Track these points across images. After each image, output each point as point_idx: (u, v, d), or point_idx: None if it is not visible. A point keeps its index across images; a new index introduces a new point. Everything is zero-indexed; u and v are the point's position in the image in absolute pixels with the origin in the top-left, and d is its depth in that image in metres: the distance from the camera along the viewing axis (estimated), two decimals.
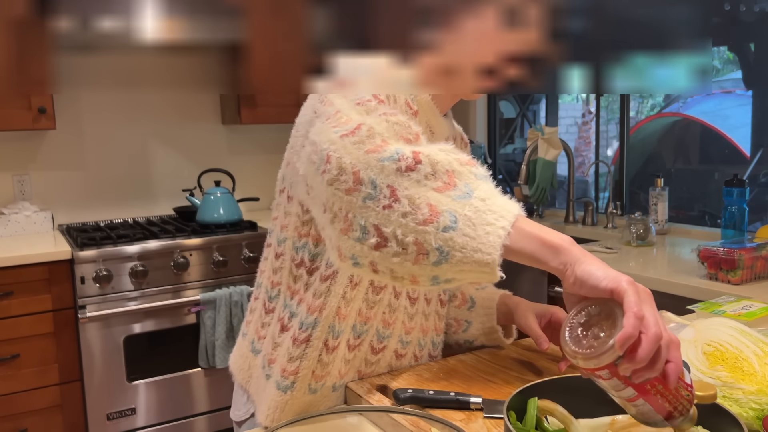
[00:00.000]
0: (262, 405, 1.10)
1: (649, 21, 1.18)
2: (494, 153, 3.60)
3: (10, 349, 2.42)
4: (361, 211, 0.75)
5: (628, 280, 0.71)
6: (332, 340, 1.04)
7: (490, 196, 0.75)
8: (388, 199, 0.74)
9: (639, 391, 0.71)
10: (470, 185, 0.75)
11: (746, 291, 1.80)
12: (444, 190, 0.74)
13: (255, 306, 1.17)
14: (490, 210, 0.73)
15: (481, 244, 0.72)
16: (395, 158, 0.75)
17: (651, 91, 1.30)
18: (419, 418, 0.91)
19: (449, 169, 0.75)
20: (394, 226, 0.74)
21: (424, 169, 0.74)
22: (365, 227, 0.75)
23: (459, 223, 0.72)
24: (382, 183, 0.74)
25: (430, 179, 0.74)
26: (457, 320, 1.27)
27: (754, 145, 3.29)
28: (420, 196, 0.73)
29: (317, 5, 1.07)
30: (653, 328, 0.67)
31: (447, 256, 0.73)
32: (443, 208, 0.73)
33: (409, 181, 0.74)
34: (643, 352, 0.66)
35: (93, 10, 2.35)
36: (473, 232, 0.72)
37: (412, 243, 0.73)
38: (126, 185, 3.14)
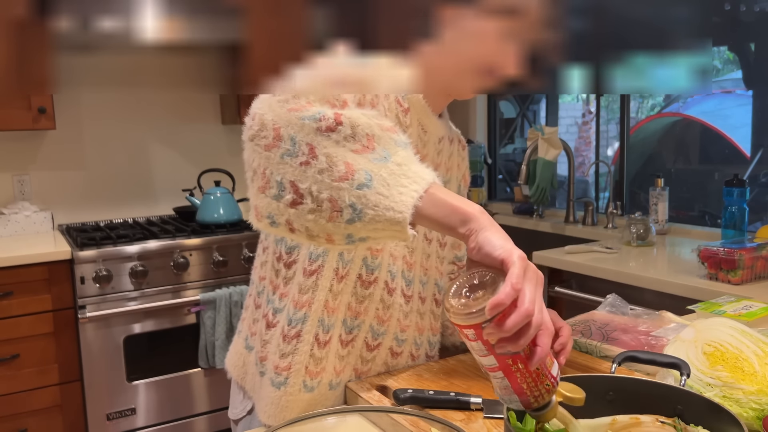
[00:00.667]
0: (260, 402, 1.10)
1: (649, 21, 1.19)
2: (494, 153, 3.60)
3: (10, 349, 2.42)
4: (279, 167, 0.76)
5: (520, 255, 0.72)
6: (323, 334, 1.05)
7: (407, 162, 0.77)
8: (306, 156, 0.75)
9: (500, 363, 0.72)
10: (388, 150, 0.76)
11: (746, 291, 1.80)
12: (362, 152, 0.75)
13: (248, 303, 1.18)
14: (404, 175, 0.75)
15: (394, 203, 0.73)
16: (316, 118, 0.76)
17: (651, 91, 1.30)
18: (419, 418, 0.91)
19: (369, 133, 0.76)
20: (310, 182, 0.75)
21: (344, 131, 0.75)
22: (282, 183, 0.76)
23: (374, 182, 0.74)
24: (302, 140, 0.75)
25: (349, 141, 0.75)
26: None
27: (754, 145, 3.28)
28: (338, 155, 0.75)
29: (317, 5, 1.07)
30: (527, 304, 0.68)
31: (360, 214, 0.74)
32: (359, 167, 0.74)
33: (328, 140, 0.75)
34: (510, 323, 0.67)
35: (93, 10, 2.35)
36: (387, 191, 0.74)
37: (326, 200, 0.75)
38: (126, 185, 3.14)
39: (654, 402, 0.83)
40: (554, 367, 0.75)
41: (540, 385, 0.73)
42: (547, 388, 0.74)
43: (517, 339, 0.68)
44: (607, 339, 1.22)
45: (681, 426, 0.80)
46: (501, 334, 0.68)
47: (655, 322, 1.29)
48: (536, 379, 0.73)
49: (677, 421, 0.80)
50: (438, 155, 1.14)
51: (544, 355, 0.71)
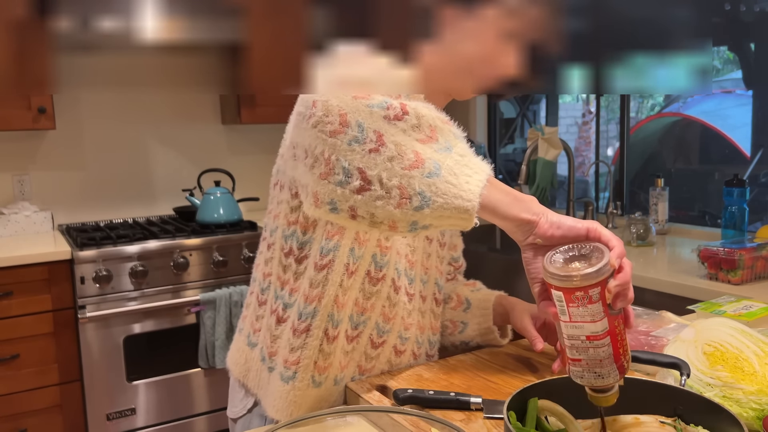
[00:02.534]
0: (268, 398, 1.11)
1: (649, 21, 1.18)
2: (494, 153, 3.60)
3: (10, 349, 2.42)
4: (346, 154, 0.77)
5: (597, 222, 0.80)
6: (332, 329, 1.05)
7: (467, 153, 0.79)
8: (374, 143, 0.75)
9: (610, 326, 0.76)
10: (450, 141, 0.79)
11: (746, 291, 1.80)
12: (427, 142, 0.77)
13: (250, 300, 1.18)
14: (467, 165, 0.77)
15: (462, 191, 0.76)
16: (384, 106, 0.77)
17: (651, 91, 1.30)
18: (419, 418, 0.91)
19: (432, 124, 0.78)
20: (380, 170, 0.75)
21: (411, 121, 0.77)
22: (348, 170, 0.77)
23: (442, 171, 0.76)
24: (369, 127, 0.76)
25: (415, 131, 0.77)
26: (453, 322, 1.28)
27: (754, 145, 3.29)
28: (406, 144, 0.76)
29: (317, 5, 1.07)
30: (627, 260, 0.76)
31: (429, 201, 0.76)
32: (427, 156, 0.76)
33: (395, 129, 0.76)
34: (628, 273, 0.74)
35: (93, 10, 2.35)
36: (455, 180, 0.76)
37: (396, 187, 0.76)
38: (126, 185, 3.14)
39: (654, 402, 0.83)
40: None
41: (628, 349, 0.79)
42: (629, 355, 0.80)
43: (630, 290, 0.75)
44: None
45: (681, 426, 0.80)
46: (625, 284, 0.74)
47: (655, 322, 1.29)
48: (625, 340, 0.78)
49: (677, 421, 0.80)
50: None
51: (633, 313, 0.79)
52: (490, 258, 2.80)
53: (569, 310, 0.76)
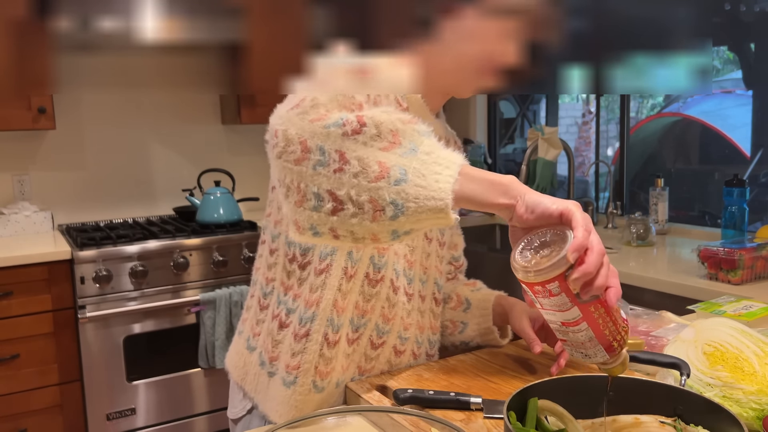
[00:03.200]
0: (268, 402, 1.11)
1: (649, 21, 1.18)
2: (494, 153, 3.60)
3: (10, 349, 2.42)
4: (313, 179, 0.77)
5: (575, 203, 0.75)
6: (332, 333, 1.05)
7: (434, 149, 0.77)
8: (337, 162, 0.75)
9: (583, 313, 0.73)
10: (414, 142, 0.77)
11: (746, 291, 1.80)
12: (390, 149, 0.76)
13: (251, 303, 1.18)
14: (435, 162, 0.76)
15: (433, 191, 0.74)
16: (340, 123, 0.76)
17: (651, 91, 1.30)
18: (419, 418, 0.92)
19: (393, 129, 0.77)
20: (347, 188, 0.75)
21: (369, 131, 0.76)
22: (319, 194, 0.77)
23: (409, 175, 0.74)
24: (330, 148, 0.76)
25: (376, 140, 0.76)
26: (453, 322, 1.28)
27: (754, 145, 3.28)
28: (369, 156, 0.75)
29: (317, 5, 1.07)
30: (598, 245, 0.71)
31: (402, 209, 0.75)
32: (392, 163, 0.75)
33: (355, 143, 0.76)
34: (591, 264, 0.70)
35: (93, 10, 2.35)
36: (424, 182, 0.74)
37: (367, 201, 0.75)
38: (126, 185, 3.14)
39: (654, 402, 0.83)
40: (622, 311, 0.78)
41: (618, 327, 0.76)
42: (624, 329, 0.77)
43: (598, 279, 0.71)
44: None
45: (681, 426, 0.80)
46: (586, 276, 0.70)
47: (655, 322, 1.29)
48: (614, 321, 0.75)
49: (677, 421, 0.80)
50: None
51: (619, 294, 0.74)
52: (490, 258, 2.80)
53: (538, 299, 0.75)
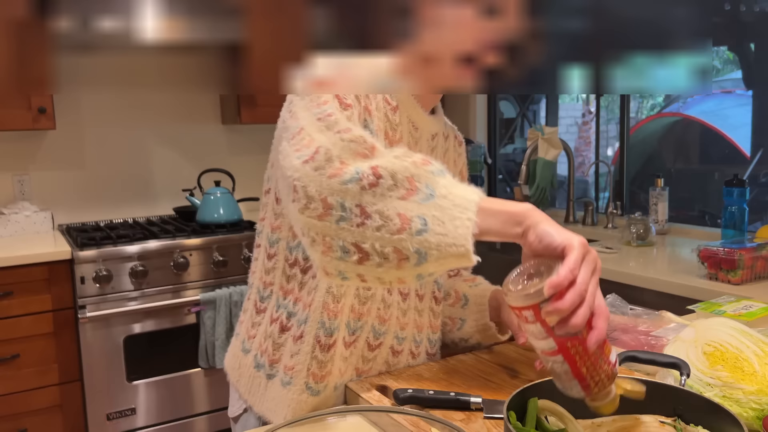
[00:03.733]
0: (264, 403, 1.11)
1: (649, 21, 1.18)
2: (494, 153, 3.60)
3: (10, 349, 2.42)
4: (338, 233, 0.79)
5: (581, 241, 0.75)
6: (324, 337, 1.05)
7: (450, 190, 0.79)
8: (359, 217, 0.78)
9: (559, 346, 0.74)
10: (431, 185, 0.79)
11: (746, 291, 1.80)
12: (408, 197, 0.78)
13: (247, 306, 1.18)
14: (454, 205, 0.78)
15: (453, 238, 0.77)
16: (357, 178, 0.79)
17: (651, 91, 1.30)
18: (419, 418, 0.92)
19: (408, 175, 0.79)
20: (372, 241, 0.78)
21: (386, 182, 0.78)
22: (344, 247, 0.79)
23: (429, 225, 0.77)
24: (351, 204, 0.78)
25: (393, 190, 0.78)
26: (452, 318, 1.28)
27: (754, 145, 3.29)
28: (388, 208, 0.78)
29: (317, 5, 1.07)
30: (582, 285, 0.72)
31: (425, 257, 0.78)
32: (412, 213, 0.77)
33: (374, 197, 0.78)
34: (566, 302, 0.71)
35: (93, 10, 2.35)
36: (444, 229, 0.77)
37: (391, 252, 0.78)
38: (126, 185, 3.14)
39: (654, 402, 0.83)
40: (612, 355, 0.77)
41: (599, 370, 0.75)
42: (607, 374, 0.76)
43: (573, 318, 0.71)
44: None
45: (681, 426, 0.80)
46: (558, 313, 0.71)
47: (655, 322, 1.29)
48: (595, 363, 0.75)
49: (677, 421, 0.80)
50: (432, 152, 1.14)
51: (601, 337, 0.74)
52: (490, 258, 2.79)
53: (520, 322, 0.77)
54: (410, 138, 1.08)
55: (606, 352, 0.76)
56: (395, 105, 1.06)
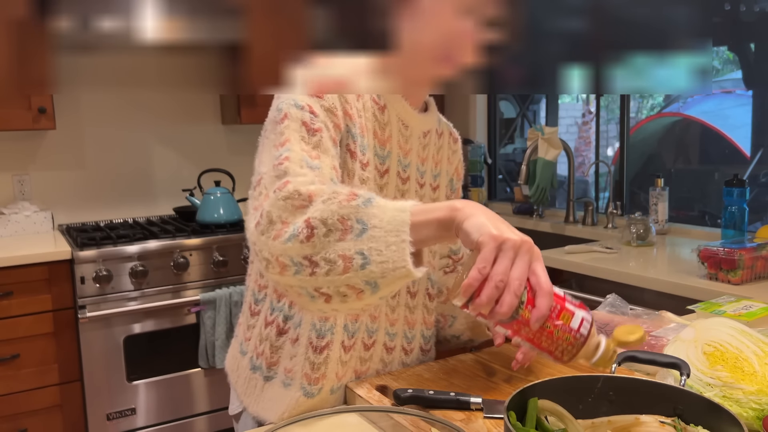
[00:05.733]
0: (262, 403, 1.11)
1: (649, 21, 1.18)
2: (494, 153, 3.60)
3: (10, 349, 2.42)
4: (299, 283, 0.85)
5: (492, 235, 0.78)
6: (316, 339, 1.05)
7: (381, 217, 0.82)
8: (309, 267, 0.83)
9: (511, 331, 0.80)
10: (362, 219, 0.82)
11: (746, 291, 1.80)
12: (345, 237, 0.82)
13: (244, 308, 1.20)
14: (386, 231, 0.81)
15: (394, 262, 0.81)
16: (295, 235, 0.83)
17: (651, 91, 1.30)
18: (419, 418, 0.92)
19: (338, 218, 0.83)
20: (326, 285, 0.83)
21: (320, 231, 0.82)
22: (310, 293, 0.85)
23: (369, 257, 0.81)
24: (298, 258, 0.83)
25: (329, 235, 0.82)
26: (443, 315, 1.28)
27: (754, 145, 3.29)
28: (330, 253, 0.82)
29: (317, 5, 1.07)
30: (497, 276, 0.76)
31: (377, 286, 0.82)
32: (351, 252, 0.82)
33: (314, 247, 0.82)
34: (482, 298, 0.76)
35: (93, 10, 2.35)
36: (383, 258, 0.81)
37: (347, 289, 0.83)
38: (126, 185, 3.14)
39: (654, 402, 0.83)
40: (574, 321, 0.79)
41: (560, 339, 0.79)
42: (570, 341, 0.79)
43: (498, 307, 0.76)
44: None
45: (681, 426, 0.80)
46: (477, 309, 0.76)
47: (655, 322, 1.29)
48: (552, 335, 0.79)
49: (677, 421, 0.80)
50: (424, 149, 1.15)
51: (542, 314, 0.77)
52: None
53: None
54: (400, 136, 1.10)
55: (564, 322, 0.79)
56: (383, 104, 1.07)
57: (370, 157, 1.06)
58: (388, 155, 1.09)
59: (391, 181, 1.10)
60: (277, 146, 0.95)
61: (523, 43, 1.00)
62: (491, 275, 0.76)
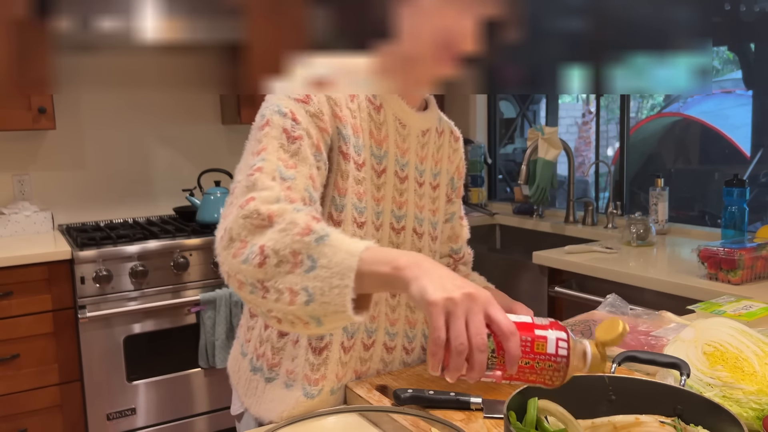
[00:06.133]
0: (263, 404, 1.11)
1: (649, 21, 1.18)
2: (494, 153, 3.60)
3: (10, 349, 2.42)
4: (254, 302, 0.87)
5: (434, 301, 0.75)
6: (315, 340, 1.06)
7: (329, 257, 0.82)
8: (261, 291, 0.85)
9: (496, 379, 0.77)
10: (313, 255, 0.83)
11: (746, 291, 1.80)
12: (294, 270, 0.83)
13: (245, 310, 1.21)
14: (333, 273, 0.82)
15: (335, 305, 0.81)
16: (250, 258, 0.85)
17: (651, 91, 1.30)
18: (419, 418, 0.92)
19: (290, 251, 0.83)
20: (276, 310, 0.85)
21: (272, 261, 0.84)
22: (263, 311, 0.87)
23: (314, 295, 0.82)
24: (252, 280, 0.85)
25: (280, 266, 0.84)
26: None
27: (754, 145, 3.29)
28: (279, 283, 0.84)
29: (317, 5, 1.07)
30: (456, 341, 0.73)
31: (320, 321, 0.83)
32: (298, 287, 0.83)
33: (266, 274, 0.84)
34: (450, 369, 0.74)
35: (93, 10, 2.36)
36: (326, 298, 0.81)
37: (294, 318, 0.84)
38: (126, 185, 3.14)
39: (654, 402, 0.83)
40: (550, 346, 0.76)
41: (543, 370, 0.76)
42: (554, 367, 0.77)
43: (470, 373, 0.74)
44: None
45: (681, 426, 0.80)
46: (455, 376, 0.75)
47: (655, 322, 1.29)
48: (534, 369, 0.76)
49: (677, 421, 0.80)
50: (422, 148, 1.14)
51: (514, 357, 0.74)
52: (490, 258, 2.80)
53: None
54: (397, 135, 1.10)
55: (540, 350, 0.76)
56: (379, 104, 1.07)
57: (366, 157, 1.06)
58: (384, 155, 1.09)
59: (389, 180, 1.10)
60: (254, 154, 0.97)
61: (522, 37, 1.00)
62: (450, 341, 0.73)
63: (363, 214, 1.06)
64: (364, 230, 1.07)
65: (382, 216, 1.10)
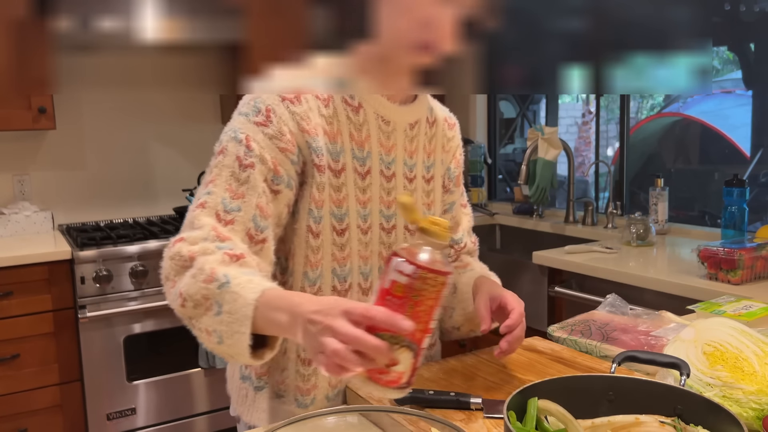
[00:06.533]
0: (254, 413, 1.13)
1: (649, 21, 1.18)
2: (494, 153, 3.60)
3: (10, 349, 2.42)
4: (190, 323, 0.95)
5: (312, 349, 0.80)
6: (303, 351, 1.07)
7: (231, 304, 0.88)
8: (189, 324, 0.94)
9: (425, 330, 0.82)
10: (219, 301, 0.89)
11: (746, 291, 1.80)
12: (207, 313, 0.91)
13: None
14: (234, 320, 0.88)
15: (238, 350, 0.88)
16: (174, 299, 0.94)
17: (651, 91, 1.30)
18: (419, 418, 0.91)
19: (200, 297, 0.90)
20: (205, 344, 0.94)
21: (189, 304, 0.92)
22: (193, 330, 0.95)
23: (223, 338, 0.89)
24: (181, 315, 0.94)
25: (197, 308, 0.91)
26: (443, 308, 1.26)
27: (754, 145, 3.29)
28: (198, 322, 0.92)
29: (317, 5, 1.07)
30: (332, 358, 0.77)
31: (233, 358, 0.91)
32: (211, 329, 0.90)
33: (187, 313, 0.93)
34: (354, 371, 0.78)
35: (93, 10, 2.36)
36: (231, 341, 0.88)
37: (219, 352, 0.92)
38: (126, 185, 3.14)
39: (654, 402, 0.83)
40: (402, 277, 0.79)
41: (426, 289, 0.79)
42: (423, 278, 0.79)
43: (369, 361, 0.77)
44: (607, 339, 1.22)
45: (681, 426, 0.80)
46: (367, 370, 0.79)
47: (655, 322, 1.29)
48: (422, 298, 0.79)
49: (677, 421, 0.80)
50: (411, 142, 1.11)
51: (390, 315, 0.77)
52: (490, 258, 2.79)
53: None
54: (380, 133, 1.07)
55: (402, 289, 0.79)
56: (357, 104, 1.05)
57: (347, 161, 1.04)
58: (368, 155, 1.06)
59: (375, 181, 1.08)
60: (205, 184, 1.03)
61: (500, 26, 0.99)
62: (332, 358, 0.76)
63: (343, 221, 1.05)
64: (345, 237, 1.06)
65: (370, 218, 1.08)
